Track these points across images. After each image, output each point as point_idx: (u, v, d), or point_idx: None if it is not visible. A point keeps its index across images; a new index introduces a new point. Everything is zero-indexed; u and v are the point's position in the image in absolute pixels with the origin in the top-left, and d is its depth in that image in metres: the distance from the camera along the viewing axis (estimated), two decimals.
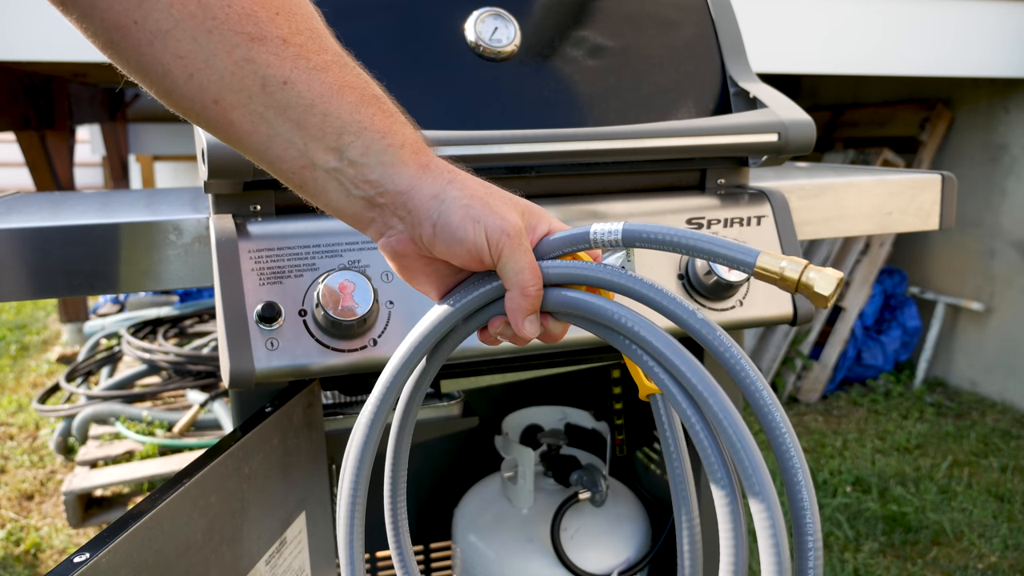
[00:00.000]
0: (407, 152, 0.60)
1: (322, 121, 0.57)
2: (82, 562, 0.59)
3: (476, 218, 0.58)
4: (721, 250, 0.54)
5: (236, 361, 0.80)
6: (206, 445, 3.18)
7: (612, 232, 0.58)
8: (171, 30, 0.54)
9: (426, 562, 1.54)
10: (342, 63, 0.59)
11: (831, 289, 0.52)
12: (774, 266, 0.53)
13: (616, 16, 1.06)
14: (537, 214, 0.62)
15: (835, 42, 3.15)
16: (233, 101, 0.56)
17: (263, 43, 0.55)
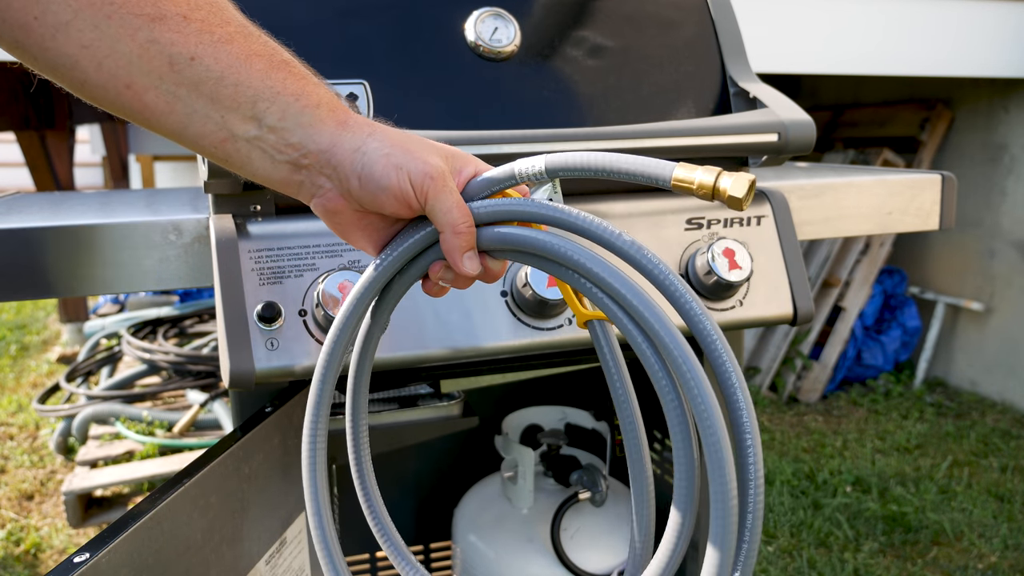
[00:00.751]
0: (324, 111, 0.61)
1: (235, 91, 0.58)
2: (82, 562, 0.59)
3: (398, 165, 0.59)
4: (639, 168, 0.56)
5: (236, 361, 0.80)
6: (206, 445, 3.18)
7: (535, 165, 0.59)
8: (71, 20, 0.54)
9: (426, 562, 1.54)
10: (246, 32, 0.60)
11: (743, 191, 0.54)
12: (689, 176, 0.55)
13: (616, 16, 1.06)
14: (462, 158, 0.64)
15: (835, 42, 3.15)
16: (145, 83, 0.56)
17: (164, 22, 0.56)
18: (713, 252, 0.94)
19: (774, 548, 2.73)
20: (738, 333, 1.20)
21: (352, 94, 0.93)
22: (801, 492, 3.10)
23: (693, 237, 0.99)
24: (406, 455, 1.49)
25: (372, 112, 0.93)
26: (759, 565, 2.62)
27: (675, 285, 0.57)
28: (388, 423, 1.22)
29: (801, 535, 2.81)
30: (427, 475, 1.51)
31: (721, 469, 0.58)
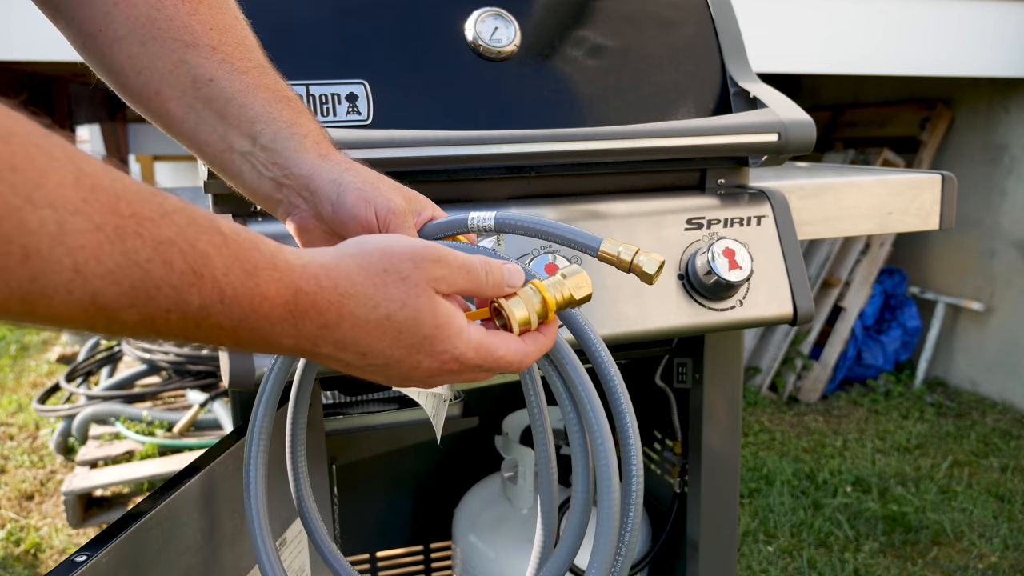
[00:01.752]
0: (309, 142, 0.70)
1: (239, 112, 0.69)
2: (82, 562, 0.59)
3: (367, 199, 0.67)
4: (571, 236, 0.64)
5: (236, 361, 0.80)
6: (206, 445, 3.18)
7: (486, 219, 0.67)
8: (125, 36, 0.68)
9: (426, 562, 1.54)
10: (262, 70, 0.71)
11: (655, 269, 0.63)
12: (612, 250, 0.64)
13: (616, 16, 1.06)
14: (422, 202, 0.71)
15: (835, 42, 3.15)
16: (170, 94, 0.69)
17: (196, 49, 0.69)
18: (713, 252, 0.94)
19: (774, 548, 2.73)
20: (738, 333, 1.20)
21: (352, 94, 0.93)
22: (801, 492, 3.10)
23: (693, 237, 0.99)
24: (406, 455, 1.49)
25: (372, 112, 0.93)
26: (759, 565, 2.62)
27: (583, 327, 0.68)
28: (388, 423, 1.22)
29: (801, 535, 2.81)
30: (427, 475, 1.51)
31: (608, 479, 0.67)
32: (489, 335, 0.58)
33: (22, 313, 0.41)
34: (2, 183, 0.38)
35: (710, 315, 0.97)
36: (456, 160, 0.93)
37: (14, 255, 0.39)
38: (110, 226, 0.42)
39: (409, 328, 0.55)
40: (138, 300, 0.44)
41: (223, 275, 0.47)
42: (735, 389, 1.20)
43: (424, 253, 0.56)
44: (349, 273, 0.54)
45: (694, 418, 1.22)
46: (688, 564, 1.28)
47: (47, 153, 0.41)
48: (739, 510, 1.72)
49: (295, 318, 0.51)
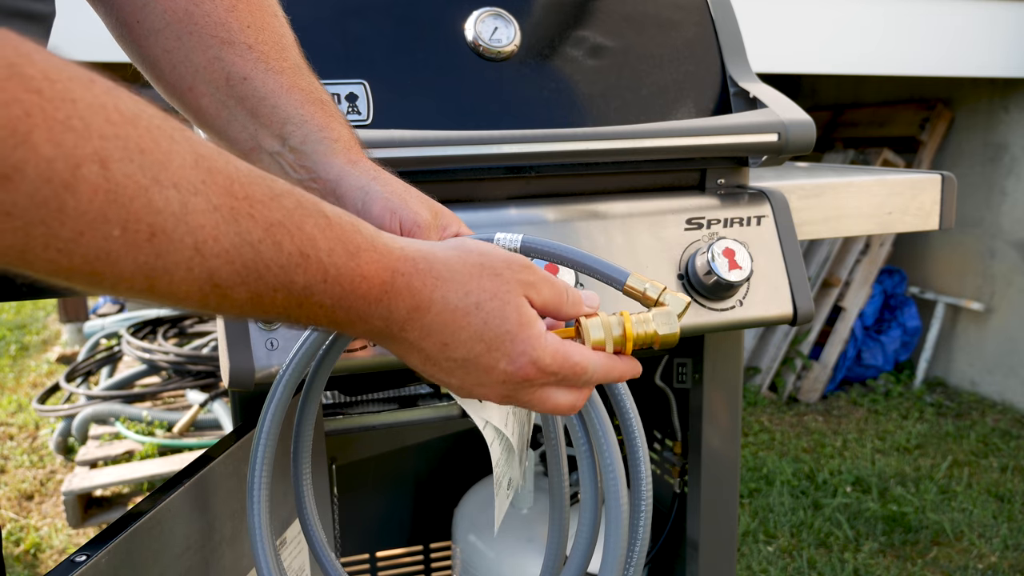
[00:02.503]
0: (339, 146, 0.69)
1: (271, 112, 0.68)
2: (82, 562, 0.59)
3: (393, 210, 0.66)
4: (599, 267, 0.64)
5: (236, 361, 0.80)
6: (206, 445, 3.18)
7: (512, 241, 0.66)
8: (162, 29, 0.68)
9: (426, 562, 1.54)
10: (297, 70, 0.71)
11: (681, 309, 0.62)
12: (639, 287, 0.63)
13: (616, 16, 1.06)
14: (448, 216, 0.70)
15: (835, 42, 3.15)
16: (203, 90, 0.69)
17: (232, 46, 0.68)
18: (713, 252, 0.94)
19: (774, 548, 2.73)
20: (738, 333, 1.20)
21: (352, 94, 0.93)
22: (801, 492, 3.10)
23: (693, 237, 0.99)
24: (406, 455, 1.49)
25: (372, 112, 0.93)
26: (759, 565, 2.62)
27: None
28: (388, 423, 1.22)
29: (801, 535, 2.81)
30: (427, 475, 1.51)
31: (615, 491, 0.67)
32: (566, 343, 0.58)
33: (144, 289, 0.43)
34: (131, 163, 0.40)
35: (710, 315, 0.97)
36: (456, 160, 0.93)
37: (142, 232, 0.40)
38: (226, 207, 0.44)
39: (495, 320, 0.55)
40: (249, 278, 0.46)
41: (327, 256, 0.49)
42: (735, 389, 1.20)
43: (518, 259, 0.58)
44: (447, 260, 0.55)
45: (694, 418, 1.22)
46: (688, 564, 1.28)
47: (168, 136, 0.42)
48: (739, 510, 1.71)
49: (389, 298, 0.52)
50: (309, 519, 0.79)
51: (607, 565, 0.67)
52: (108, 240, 0.39)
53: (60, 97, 0.37)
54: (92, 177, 0.38)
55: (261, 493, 0.72)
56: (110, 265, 0.40)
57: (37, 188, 0.37)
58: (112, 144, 0.39)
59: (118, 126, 0.40)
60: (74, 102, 0.38)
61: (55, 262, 0.39)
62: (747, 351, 4.26)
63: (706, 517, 1.23)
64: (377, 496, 1.49)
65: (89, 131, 0.38)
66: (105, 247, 0.40)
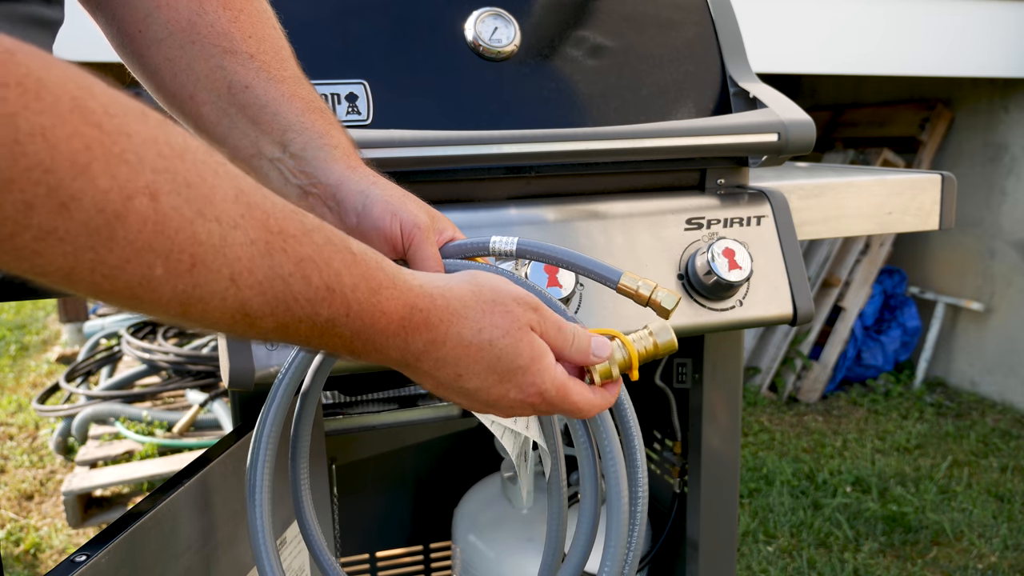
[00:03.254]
0: (339, 153, 0.71)
1: (272, 119, 0.70)
2: (82, 562, 0.59)
3: (394, 212, 0.68)
4: (593, 268, 0.66)
5: (236, 361, 0.80)
6: (206, 445, 3.18)
7: (508, 243, 0.68)
8: (164, 39, 0.69)
9: (426, 562, 1.54)
10: (297, 80, 0.73)
11: (673, 305, 0.64)
12: (632, 285, 0.65)
13: (616, 16, 1.06)
14: (444, 222, 0.72)
15: (835, 42, 3.15)
16: (205, 98, 0.70)
17: (234, 56, 0.70)
18: (713, 252, 0.94)
19: (774, 548, 2.73)
20: (738, 333, 1.20)
21: (352, 94, 0.93)
22: (801, 492, 3.10)
23: (693, 237, 0.99)
24: (406, 455, 1.49)
25: (372, 112, 0.93)
26: (759, 565, 2.62)
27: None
28: (388, 423, 1.22)
29: (801, 535, 2.81)
30: (427, 475, 1.51)
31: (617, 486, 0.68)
32: (570, 380, 0.62)
33: (178, 314, 0.45)
34: (179, 196, 0.42)
35: (710, 315, 0.97)
36: (456, 160, 0.93)
37: (184, 263, 0.43)
38: (261, 241, 0.47)
39: (508, 356, 0.58)
40: (278, 309, 0.48)
41: (351, 291, 0.51)
42: (735, 389, 1.20)
43: (527, 299, 0.60)
44: (461, 296, 0.58)
45: (694, 418, 1.22)
46: (688, 564, 1.28)
47: (213, 170, 0.45)
48: (739, 510, 1.70)
49: (407, 333, 0.55)
50: (307, 521, 0.79)
51: (607, 564, 0.67)
52: (151, 268, 0.42)
53: (118, 131, 0.39)
54: (142, 209, 0.40)
55: (263, 495, 0.72)
56: (150, 291, 0.43)
57: (91, 217, 0.39)
58: (162, 178, 0.41)
59: (168, 160, 0.42)
60: (130, 136, 0.40)
61: (99, 285, 0.41)
62: (747, 351, 4.26)
63: (706, 517, 1.23)
64: (377, 496, 1.49)
65: (142, 165, 0.40)
66: (148, 275, 0.42)
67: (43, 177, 0.37)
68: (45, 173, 0.37)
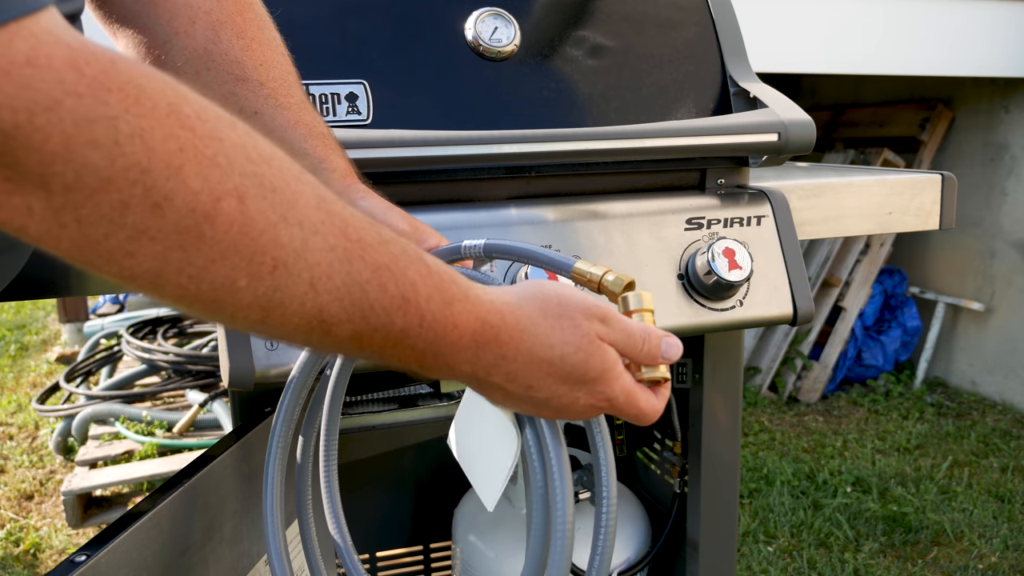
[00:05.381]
0: (336, 176, 0.75)
1: (278, 144, 0.70)
2: (82, 562, 0.59)
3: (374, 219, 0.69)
4: (547, 258, 0.69)
5: (236, 361, 0.80)
6: (206, 445, 3.18)
7: (477, 246, 0.71)
8: (182, 66, 0.73)
9: (426, 562, 1.54)
10: (302, 106, 0.77)
11: (620, 288, 0.65)
12: (584, 271, 0.67)
13: (616, 16, 1.06)
14: (428, 232, 0.76)
15: (836, 42, 3.15)
16: None
17: (245, 83, 0.74)
18: (713, 252, 0.94)
19: (774, 548, 2.73)
20: (738, 333, 1.20)
21: (352, 94, 0.93)
22: (801, 492, 3.10)
23: (693, 237, 0.99)
24: (406, 455, 1.49)
25: (372, 112, 0.93)
26: (759, 565, 2.62)
27: None
28: (388, 423, 1.22)
29: (801, 535, 2.81)
30: (427, 475, 1.51)
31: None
32: (637, 388, 0.63)
33: (258, 320, 0.46)
34: (264, 200, 0.43)
35: (710, 315, 0.97)
36: (456, 160, 0.93)
37: (266, 265, 0.44)
38: (340, 248, 0.48)
39: (579, 370, 0.59)
40: (354, 317, 0.49)
41: (425, 302, 0.52)
42: (735, 389, 1.20)
43: (594, 310, 0.60)
44: (531, 313, 0.58)
45: (694, 418, 1.22)
46: (688, 564, 1.28)
47: (296, 177, 0.47)
48: (739, 510, 1.70)
49: (477, 347, 0.56)
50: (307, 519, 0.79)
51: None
52: (235, 270, 0.43)
53: (210, 135, 0.41)
54: (230, 210, 0.42)
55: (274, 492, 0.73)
56: (232, 294, 0.44)
57: (182, 217, 0.40)
58: (250, 181, 0.43)
59: (256, 164, 0.44)
60: (221, 141, 0.42)
61: (184, 287, 0.43)
62: (747, 351, 4.26)
63: (706, 517, 1.23)
64: (377, 496, 1.49)
65: (232, 168, 0.42)
66: (231, 276, 0.43)
67: (140, 177, 0.39)
68: (142, 173, 0.39)
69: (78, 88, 0.37)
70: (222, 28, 0.74)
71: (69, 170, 0.37)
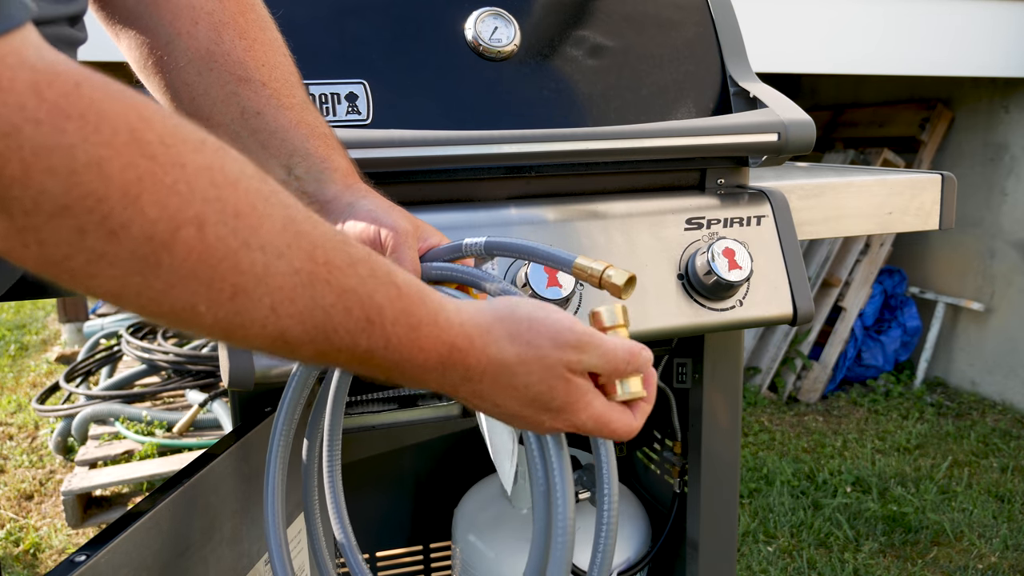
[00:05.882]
0: (338, 175, 0.76)
1: (280, 144, 0.75)
2: (81, 562, 0.59)
3: (375, 219, 0.73)
4: (548, 254, 0.69)
5: (236, 361, 0.80)
6: (206, 445, 3.18)
7: (478, 244, 0.72)
8: (185, 66, 0.74)
9: (426, 562, 1.54)
10: (304, 107, 0.77)
11: (623, 281, 0.65)
12: (586, 266, 0.67)
13: (616, 16, 1.06)
14: (429, 230, 0.76)
15: (836, 42, 3.15)
16: (220, 121, 0.75)
17: (247, 83, 0.74)
18: (713, 252, 0.94)
19: (774, 548, 2.73)
20: (738, 333, 1.20)
21: (352, 94, 0.93)
22: (801, 492, 3.10)
23: (693, 237, 0.99)
24: (406, 455, 1.49)
25: (372, 112, 0.93)
26: (759, 565, 2.62)
27: None
28: (388, 423, 1.22)
29: (801, 535, 2.81)
30: (427, 475, 1.51)
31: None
32: (610, 410, 0.62)
33: (220, 337, 0.48)
34: (225, 227, 0.43)
35: (710, 315, 0.97)
36: (455, 160, 0.93)
37: (225, 292, 0.44)
38: (305, 271, 0.48)
39: (543, 399, 0.60)
40: (317, 338, 0.49)
41: (391, 325, 0.52)
42: (735, 389, 1.20)
43: (566, 337, 0.59)
44: (499, 339, 0.58)
45: (694, 418, 1.22)
46: (688, 564, 1.28)
47: (264, 198, 0.46)
48: (739, 510, 1.71)
49: (444, 368, 0.56)
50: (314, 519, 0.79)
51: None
52: (194, 295, 0.43)
53: (171, 162, 0.41)
54: (188, 238, 0.42)
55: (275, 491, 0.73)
56: (194, 317, 0.44)
57: (138, 245, 0.40)
58: (211, 208, 0.43)
59: (220, 188, 0.43)
60: (183, 167, 0.41)
61: (146, 308, 0.44)
62: (747, 351, 4.26)
63: (706, 517, 1.23)
64: (377, 496, 1.49)
65: (193, 195, 0.42)
66: (191, 301, 0.44)
67: (96, 206, 0.39)
68: (98, 202, 0.39)
69: (38, 115, 0.37)
70: (224, 29, 0.75)
71: (27, 196, 0.37)
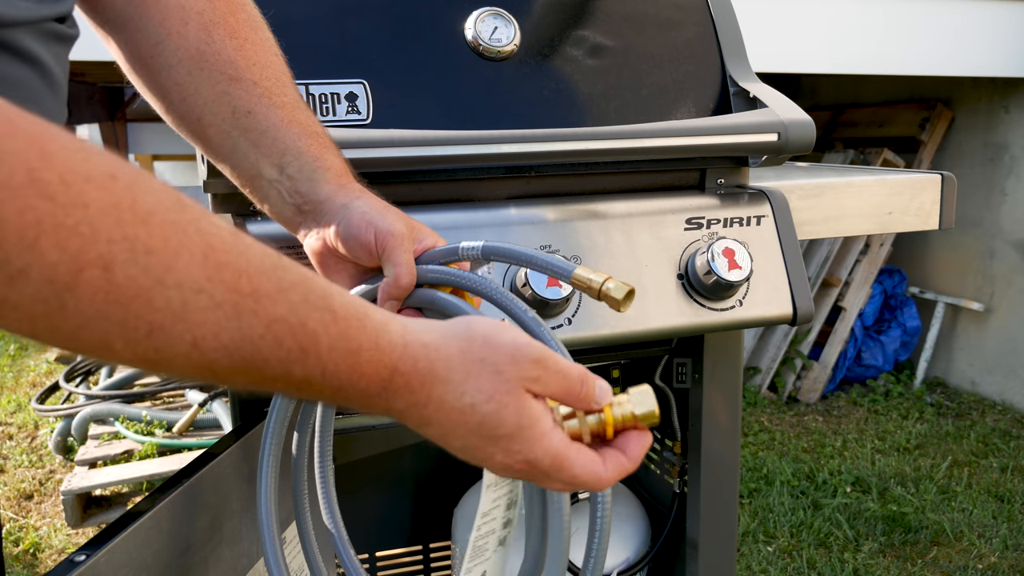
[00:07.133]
0: (331, 175, 0.75)
1: (272, 143, 0.74)
2: (81, 562, 0.59)
3: (370, 221, 0.72)
4: (548, 263, 0.69)
5: None
6: (206, 445, 3.18)
7: (475, 248, 0.71)
8: (175, 65, 0.74)
9: (426, 562, 1.54)
10: (296, 105, 0.77)
11: (622, 295, 0.64)
12: (584, 276, 0.67)
13: (616, 16, 1.06)
14: (424, 232, 0.76)
15: (835, 42, 3.15)
16: (211, 120, 0.75)
17: (238, 83, 0.74)
18: (713, 252, 0.94)
19: (774, 548, 2.73)
20: (738, 333, 1.20)
21: (352, 93, 0.93)
22: (801, 492, 3.10)
23: (693, 237, 0.99)
24: (406, 455, 1.49)
25: (372, 111, 0.93)
26: (759, 565, 2.62)
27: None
28: (388, 423, 1.22)
29: (801, 535, 2.81)
30: (427, 475, 1.51)
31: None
32: (568, 448, 0.57)
33: (147, 367, 0.46)
34: (136, 265, 0.41)
35: (710, 315, 0.97)
36: (455, 160, 0.93)
37: (141, 330, 0.42)
38: (229, 304, 0.45)
39: (490, 423, 0.55)
40: (248, 369, 0.47)
41: (327, 352, 0.50)
42: (735, 389, 1.20)
43: (525, 351, 0.56)
44: (447, 356, 0.55)
45: (694, 418, 1.22)
46: (688, 564, 1.28)
47: (181, 231, 0.44)
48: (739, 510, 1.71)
49: (388, 394, 0.54)
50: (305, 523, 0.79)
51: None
52: (107, 335, 0.42)
53: (73, 203, 0.39)
54: (94, 280, 0.40)
55: (269, 494, 0.73)
56: (112, 353, 0.43)
57: (39, 289, 0.39)
58: (119, 247, 0.40)
59: (128, 227, 0.41)
60: (86, 207, 0.39)
61: (62, 343, 0.42)
62: (747, 351, 4.26)
63: (706, 517, 1.23)
64: (377, 496, 1.49)
65: (96, 236, 0.39)
66: (105, 340, 0.42)
67: None
68: None
69: None
70: (215, 28, 0.74)
71: None
